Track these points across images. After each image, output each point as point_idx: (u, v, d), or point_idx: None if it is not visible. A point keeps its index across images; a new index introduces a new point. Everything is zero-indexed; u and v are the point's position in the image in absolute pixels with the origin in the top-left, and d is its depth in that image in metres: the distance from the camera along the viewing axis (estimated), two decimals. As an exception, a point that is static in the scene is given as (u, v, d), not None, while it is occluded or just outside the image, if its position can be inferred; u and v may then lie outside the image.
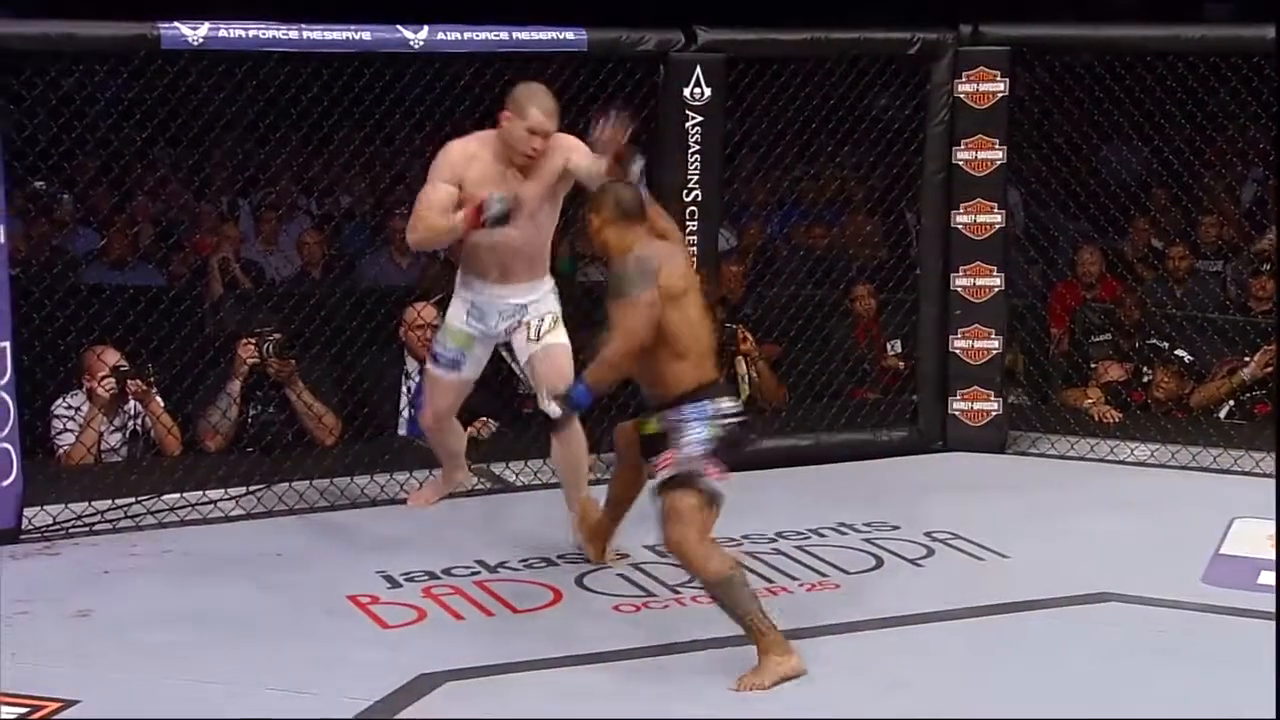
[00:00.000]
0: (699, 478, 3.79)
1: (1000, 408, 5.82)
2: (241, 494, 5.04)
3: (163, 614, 4.16)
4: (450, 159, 4.41)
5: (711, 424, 3.82)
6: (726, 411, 3.87)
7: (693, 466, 3.79)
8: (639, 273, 3.81)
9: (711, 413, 3.83)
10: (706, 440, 3.81)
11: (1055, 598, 4.31)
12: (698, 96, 5.43)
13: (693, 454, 3.80)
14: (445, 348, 4.56)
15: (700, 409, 3.83)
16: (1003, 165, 5.75)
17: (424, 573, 4.47)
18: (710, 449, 3.81)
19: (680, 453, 3.81)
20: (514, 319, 4.51)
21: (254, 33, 4.90)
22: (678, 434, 3.83)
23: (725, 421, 3.85)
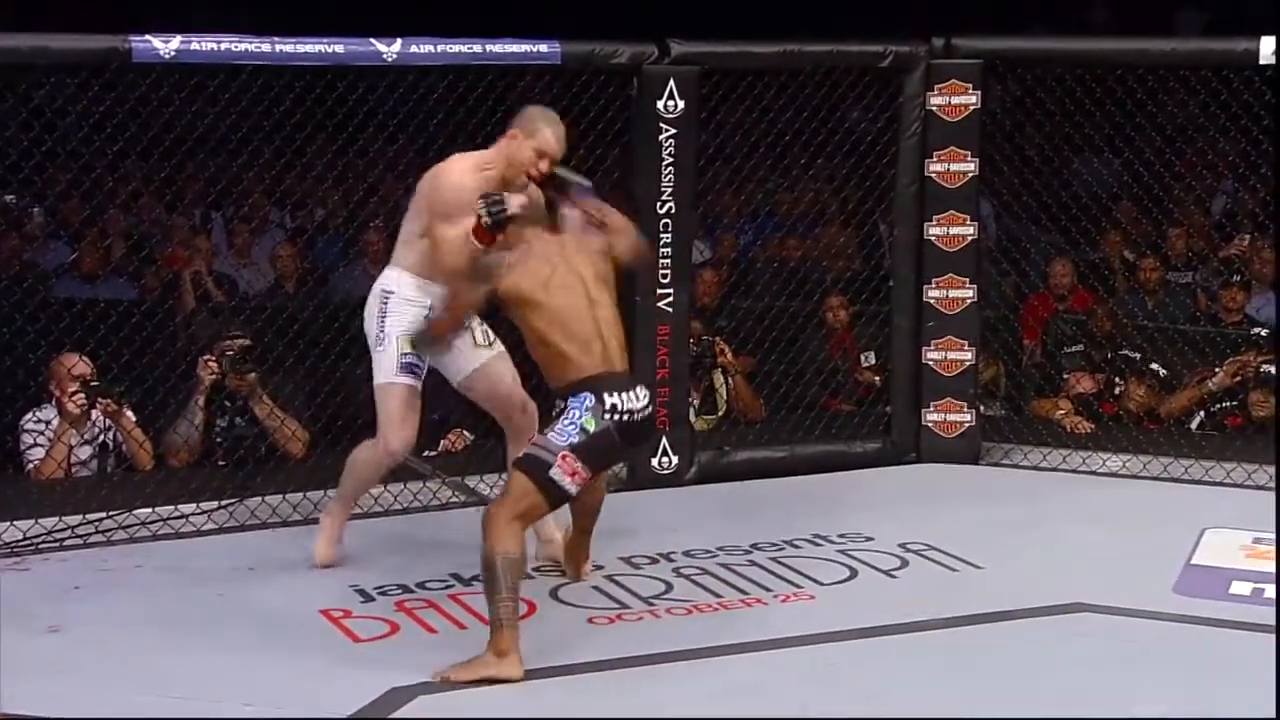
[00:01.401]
0: (546, 468, 3.81)
1: (973, 419, 5.84)
2: (213, 508, 5.02)
3: (134, 630, 4.13)
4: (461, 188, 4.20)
5: (589, 415, 3.85)
6: (613, 406, 3.87)
7: (545, 455, 3.82)
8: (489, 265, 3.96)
9: (590, 404, 3.85)
10: (578, 431, 3.83)
11: (1029, 608, 4.32)
12: (671, 109, 5.44)
13: (553, 443, 3.83)
14: (405, 354, 4.38)
15: (579, 400, 3.86)
16: (975, 177, 5.77)
17: (397, 586, 4.45)
18: (576, 441, 3.82)
19: (544, 437, 3.88)
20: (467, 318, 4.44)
21: (226, 46, 4.89)
22: (556, 419, 3.89)
23: (608, 415, 3.86)
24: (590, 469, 3.89)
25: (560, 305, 3.95)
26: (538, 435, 3.98)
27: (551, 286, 3.96)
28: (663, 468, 5.55)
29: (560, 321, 3.93)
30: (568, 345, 3.93)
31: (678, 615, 4.29)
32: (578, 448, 3.84)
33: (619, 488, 5.52)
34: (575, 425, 3.85)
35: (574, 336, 3.94)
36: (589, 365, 3.92)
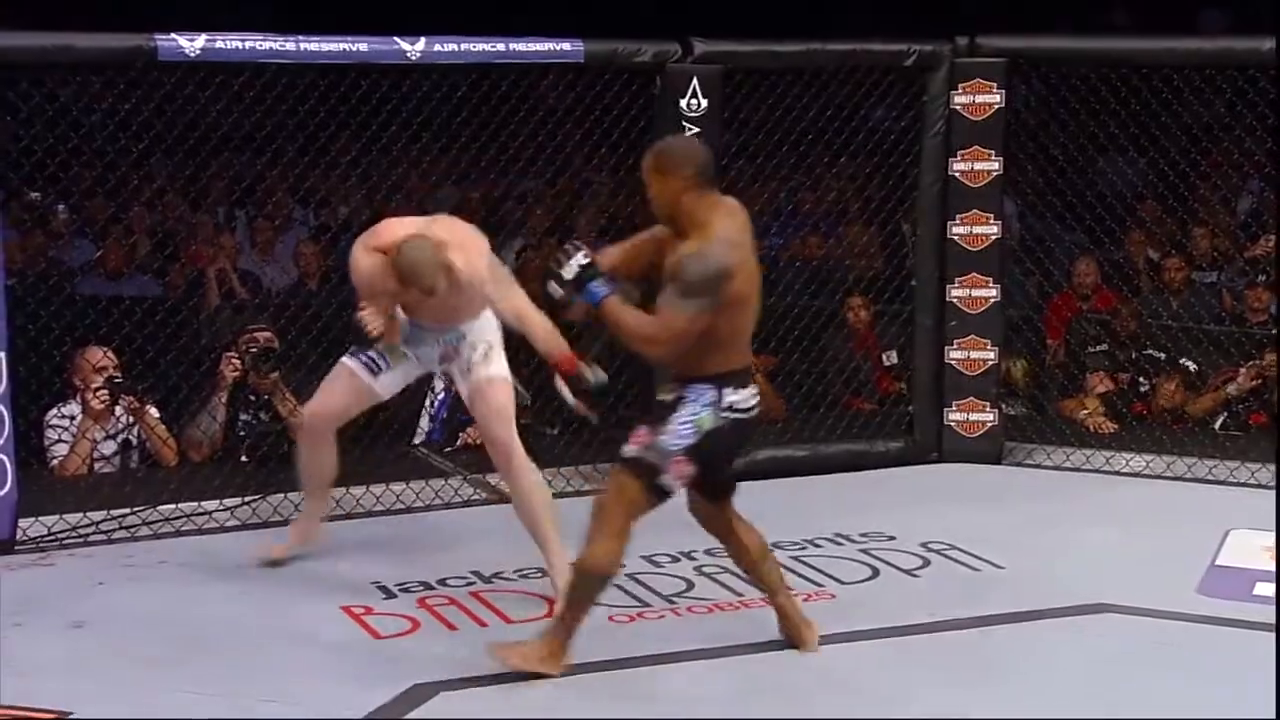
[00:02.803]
0: (656, 473, 3.66)
1: (996, 419, 5.82)
2: (236, 504, 5.04)
3: (157, 625, 4.15)
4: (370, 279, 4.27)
5: (708, 412, 3.66)
6: (733, 404, 3.68)
7: (657, 460, 3.64)
8: (711, 281, 3.53)
9: (711, 400, 3.65)
10: (693, 432, 3.64)
11: (1052, 608, 4.31)
12: (694, 107, 5.44)
13: (667, 447, 3.64)
14: (375, 351, 4.41)
15: (701, 393, 3.65)
16: (999, 176, 5.75)
17: (419, 583, 4.46)
18: (691, 443, 3.64)
19: (657, 438, 3.66)
20: (450, 344, 4.40)
21: (250, 44, 4.91)
22: (668, 413, 3.65)
23: (726, 414, 3.68)
24: (699, 470, 3.68)
25: (755, 302, 3.70)
26: (646, 432, 3.67)
27: (755, 286, 3.68)
28: (684, 466, 5.53)
29: (737, 323, 3.66)
30: (738, 339, 3.67)
31: (699, 614, 4.29)
32: (691, 450, 3.64)
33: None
34: (690, 425, 3.64)
35: (745, 330, 3.69)
36: (735, 360, 3.68)
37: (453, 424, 5.84)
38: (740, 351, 3.71)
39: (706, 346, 3.64)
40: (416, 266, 4.17)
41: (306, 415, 4.48)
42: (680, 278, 3.56)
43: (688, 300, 3.55)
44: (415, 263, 4.17)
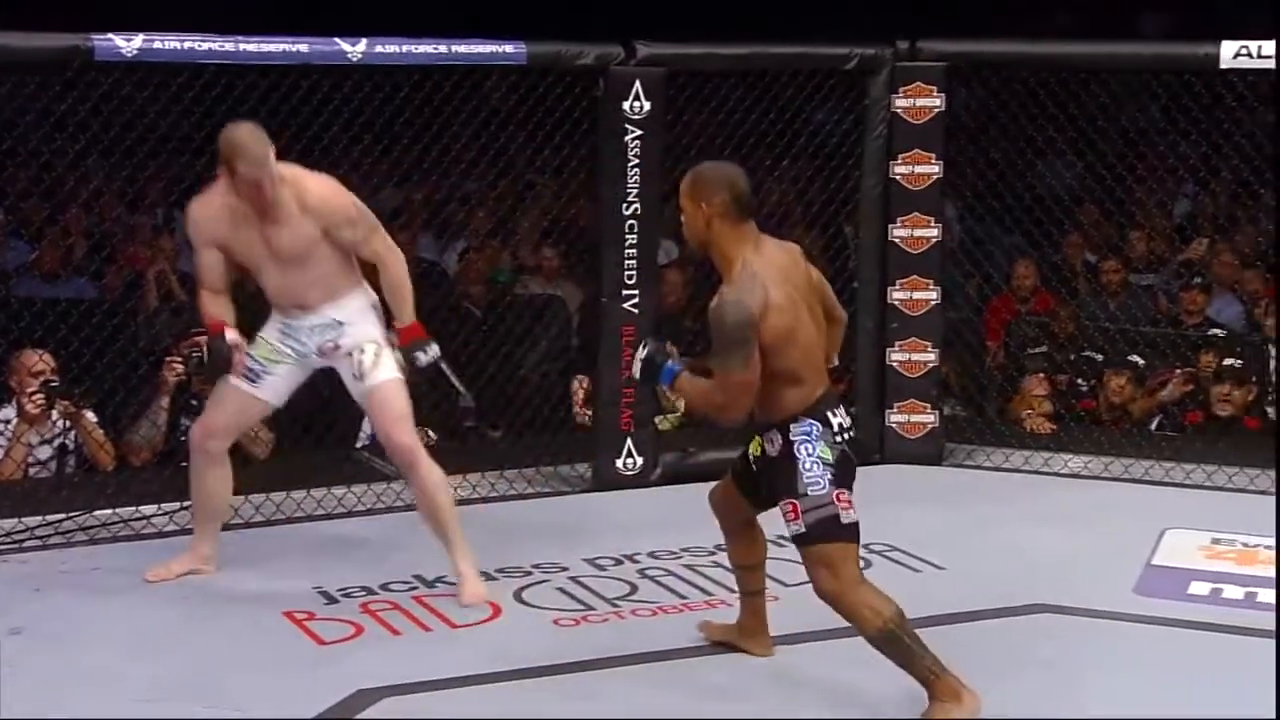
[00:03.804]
0: (836, 520, 3.49)
1: (937, 420, 5.87)
2: (175, 509, 4.98)
3: (96, 632, 4.10)
4: (193, 222, 4.32)
5: (823, 444, 3.50)
6: (841, 425, 3.55)
7: (826, 511, 3.48)
8: (739, 329, 3.38)
9: (818, 433, 3.50)
10: (823, 467, 3.49)
11: (991, 609, 4.35)
12: (637, 110, 5.45)
13: (819, 495, 3.48)
14: (250, 357, 4.36)
15: (806, 430, 3.50)
16: (939, 180, 5.80)
17: (361, 588, 4.44)
18: (832, 475, 3.49)
19: (806, 498, 3.49)
20: (329, 336, 4.32)
21: (189, 45, 4.87)
22: (791, 470, 3.49)
23: (840, 440, 3.53)
24: (849, 489, 3.55)
25: (808, 334, 3.51)
26: (793, 504, 3.51)
27: (800, 315, 3.50)
28: (627, 469, 5.55)
29: (802, 351, 3.49)
30: (808, 369, 3.52)
31: (643, 617, 4.30)
32: (835, 479, 3.51)
33: (584, 489, 5.53)
34: (817, 461, 3.49)
35: (814, 359, 3.54)
36: (815, 388, 3.53)
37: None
38: (818, 379, 3.56)
39: (784, 385, 3.51)
40: (240, 138, 4.09)
41: (196, 434, 4.41)
42: (715, 336, 3.47)
43: (729, 355, 3.42)
44: (240, 137, 4.10)
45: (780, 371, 3.49)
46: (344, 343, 4.33)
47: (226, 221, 4.24)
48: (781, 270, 3.53)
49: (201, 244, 4.31)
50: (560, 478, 5.62)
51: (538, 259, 7.13)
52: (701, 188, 3.50)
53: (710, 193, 3.49)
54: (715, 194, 3.48)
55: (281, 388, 4.39)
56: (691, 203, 3.52)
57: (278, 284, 4.30)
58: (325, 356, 4.36)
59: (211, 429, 4.38)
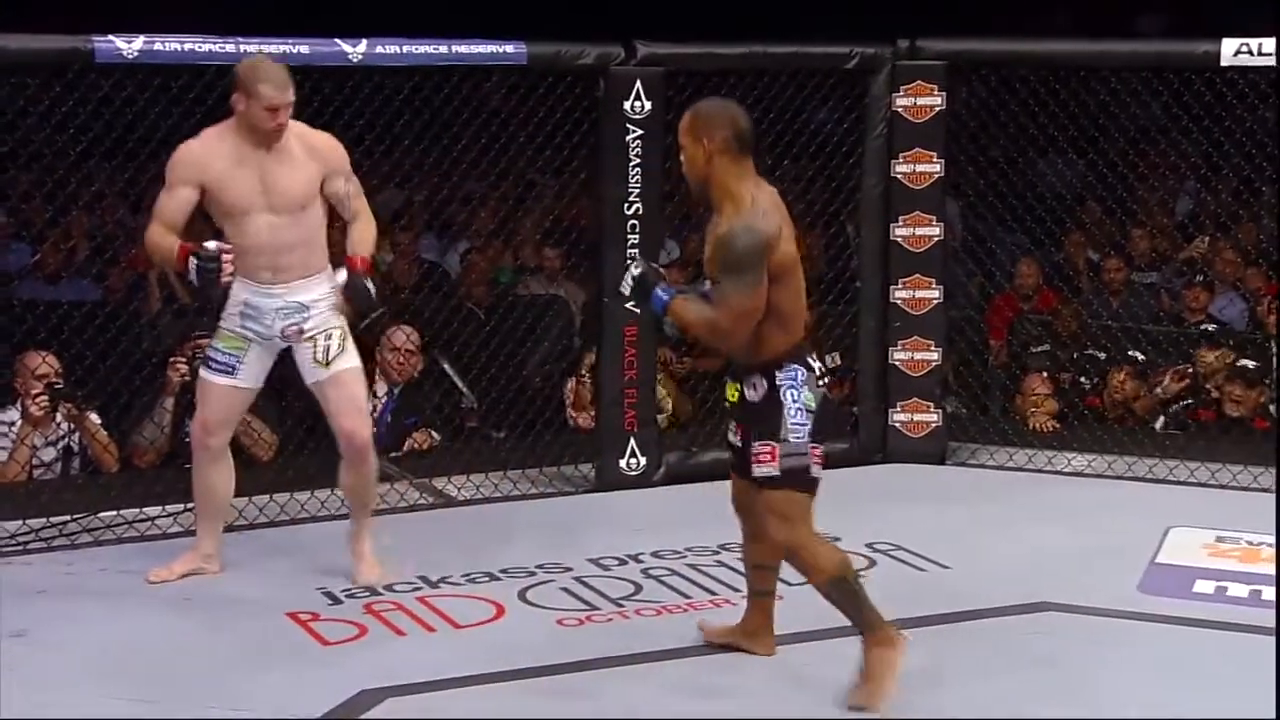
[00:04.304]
0: (806, 471, 3.53)
1: (940, 419, 5.87)
2: (179, 511, 4.98)
3: (100, 634, 4.10)
4: (182, 160, 4.22)
5: (808, 390, 3.52)
6: (820, 370, 3.57)
7: (801, 460, 3.52)
8: (754, 253, 3.41)
9: (804, 378, 3.53)
10: (806, 415, 3.51)
11: (995, 607, 4.35)
12: (638, 110, 5.45)
13: (799, 443, 3.52)
14: (216, 350, 4.33)
15: (793, 375, 3.52)
16: (941, 178, 5.80)
17: (364, 589, 4.43)
18: (812, 427, 3.52)
19: (787, 444, 3.52)
20: (293, 320, 4.29)
21: (190, 46, 4.87)
22: (776, 412, 3.53)
23: (821, 385, 3.56)
24: (823, 444, 3.59)
25: (800, 275, 3.56)
26: (770, 446, 3.55)
27: (797, 250, 3.54)
28: (631, 469, 5.55)
29: (797, 294, 3.53)
30: (799, 309, 3.55)
31: (647, 616, 4.30)
32: (815, 433, 3.54)
33: (587, 489, 5.53)
34: (801, 408, 3.52)
35: (803, 300, 3.57)
36: (802, 330, 3.58)
37: (398, 429, 5.81)
38: (801, 324, 3.59)
39: (774, 325, 3.53)
40: (264, 63, 4.16)
41: (196, 432, 4.40)
42: (726, 259, 3.46)
43: (740, 278, 3.43)
44: (263, 62, 4.17)
45: (775, 308, 3.52)
46: (308, 326, 4.31)
47: (227, 158, 4.18)
48: (781, 208, 3.58)
49: (180, 181, 4.20)
50: (564, 478, 5.62)
51: (539, 259, 7.13)
52: (703, 124, 3.51)
53: (712, 129, 3.49)
54: (717, 130, 3.48)
55: (257, 370, 4.36)
56: (692, 139, 3.53)
57: (263, 237, 4.19)
58: (287, 339, 4.32)
59: (209, 425, 4.36)
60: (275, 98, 4.13)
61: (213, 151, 4.21)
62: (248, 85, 4.15)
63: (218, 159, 4.20)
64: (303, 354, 4.34)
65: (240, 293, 4.28)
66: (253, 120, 4.16)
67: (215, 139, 4.24)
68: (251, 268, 4.26)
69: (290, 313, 4.29)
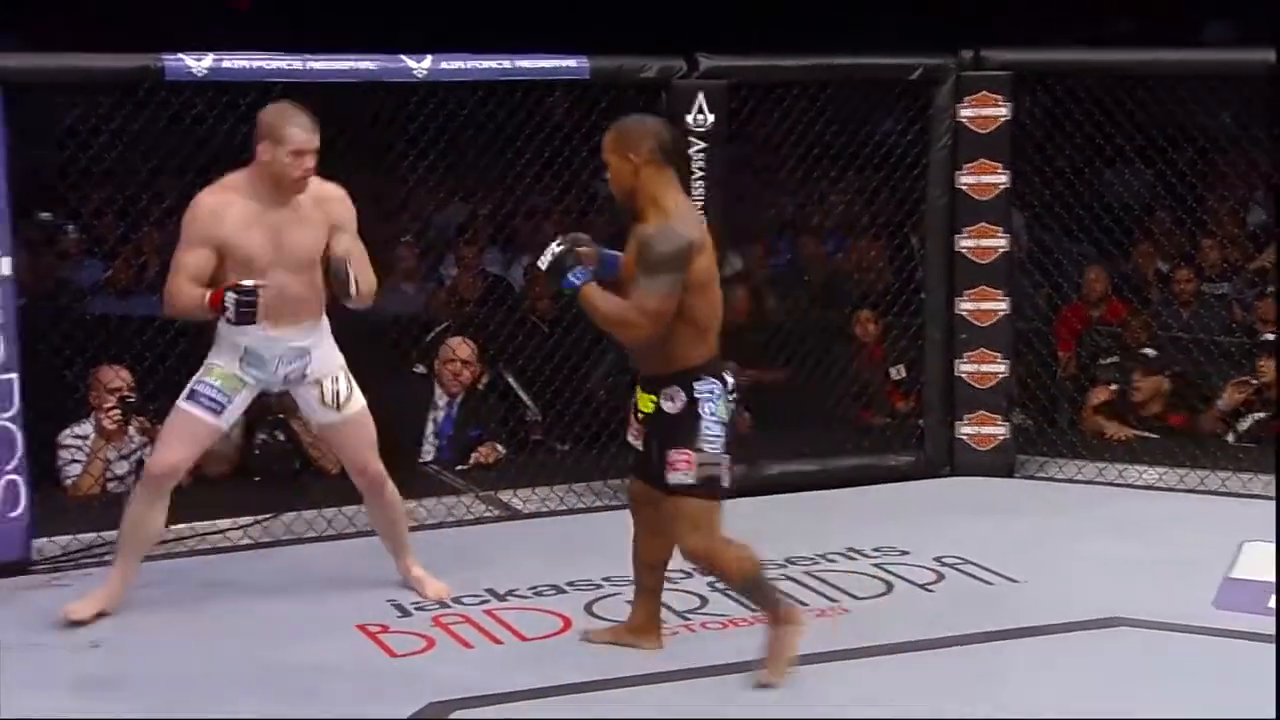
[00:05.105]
0: (718, 481, 3.66)
1: (1008, 431, 5.81)
2: (249, 523, 5.04)
3: (172, 645, 4.15)
4: (198, 219, 4.10)
5: (722, 403, 3.67)
6: (733, 386, 3.72)
7: (715, 470, 3.64)
8: (673, 256, 3.54)
9: (720, 392, 3.66)
10: (721, 427, 3.65)
11: (1066, 622, 4.30)
12: (701, 122, 5.45)
13: (714, 454, 3.64)
14: (210, 385, 4.18)
15: (709, 388, 3.65)
16: (1007, 189, 5.76)
17: (434, 601, 4.45)
18: (726, 438, 3.66)
19: (703, 453, 3.64)
20: (295, 365, 4.22)
21: (258, 64, 4.93)
22: (693, 423, 3.64)
23: (732, 399, 3.71)
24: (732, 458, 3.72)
25: (718, 289, 3.69)
26: (686, 454, 3.65)
27: (716, 268, 3.69)
28: (696, 481, 5.52)
29: (714, 304, 3.66)
30: (715, 322, 3.67)
31: (713, 630, 4.28)
32: (729, 443, 3.68)
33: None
34: (717, 421, 3.65)
35: (719, 313, 3.68)
36: (714, 345, 3.70)
37: (461, 442, 5.84)
38: (715, 338, 3.73)
39: (692, 336, 3.65)
40: (290, 108, 4.03)
41: (157, 469, 4.18)
42: (645, 257, 3.58)
43: (657, 278, 3.57)
44: (289, 107, 4.04)
45: (693, 319, 3.63)
46: (310, 371, 4.24)
47: (238, 218, 4.09)
48: (702, 222, 3.76)
49: (198, 241, 4.10)
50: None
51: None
52: (628, 140, 3.65)
53: (637, 143, 3.64)
54: (643, 143, 3.64)
55: (236, 414, 4.27)
56: (618, 156, 3.65)
57: (271, 291, 4.10)
58: (289, 384, 4.26)
59: (176, 466, 4.19)
60: (305, 141, 4.03)
61: (226, 208, 4.10)
62: (275, 130, 4.04)
63: (229, 218, 4.08)
64: (308, 397, 4.28)
65: (238, 338, 4.17)
66: (278, 169, 4.06)
67: (231, 192, 4.13)
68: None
69: (293, 358, 4.22)
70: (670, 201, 3.65)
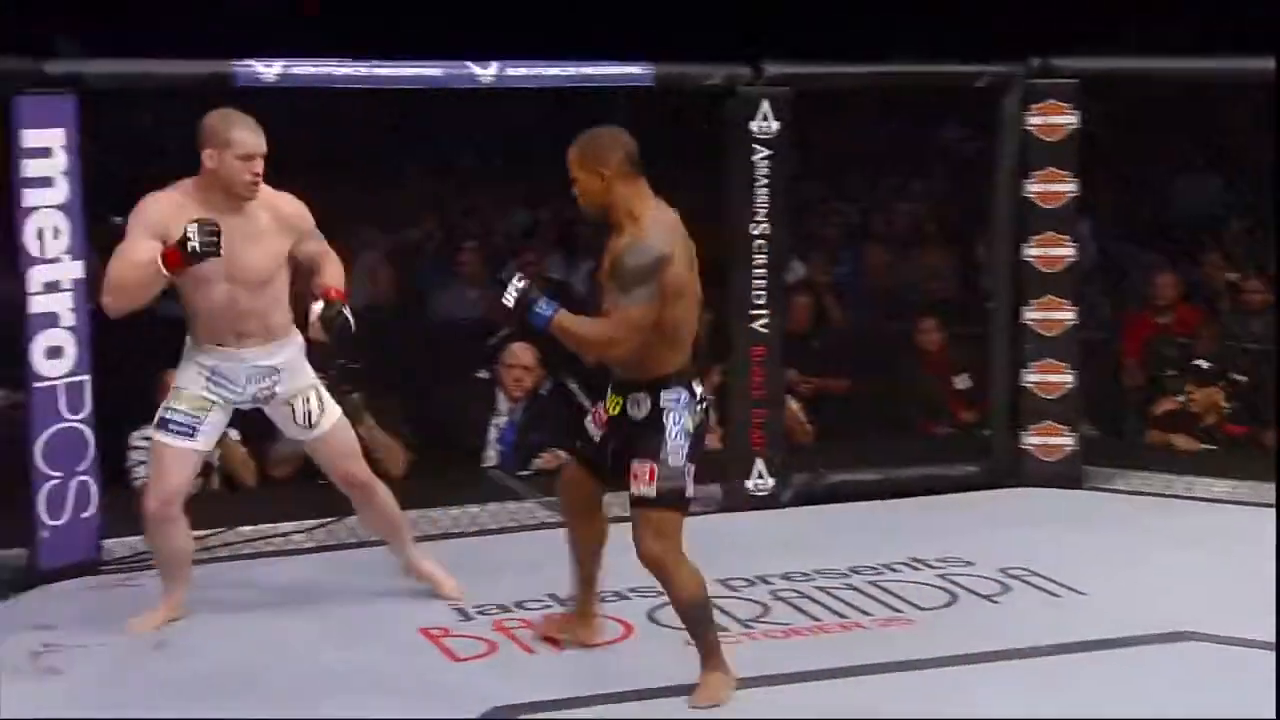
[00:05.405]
0: (683, 493, 3.66)
1: (1075, 443, 5.75)
2: (313, 526, 5.07)
3: (238, 646, 4.19)
4: (148, 212, 3.92)
5: (688, 413, 3.67)
6: (701, 396, 3.71)
7: (679, 483, 3.64)
8: (649, 269, 3.54)
9: (686, 401, 3.66)
10: (686, 437, 3.64)
11: (1133, 636, 4.24)
12: (765, 129, 5.43)
13: (677, 466, 3.64)
14: (176, 411, 4.08)
15: (677, 397, 3.65)
16: (1075, 198, 5.70)
17: (496, 605, 4.46)
18: (689, 449, 3.65)
19: (666, 465, 3.64)
20: (265, 384, 4.14)
21: (327, 70, 4.97)
22: (658, 434, 3.64)
23: (699, 408, 3.70)
24: (695, 463, 3.71)
25: (694, 298, 3.68)
26: (650, 466, 3.65)
27: (693, 276, 3.67)
28: (758, 490, 5.52)
29: (690, 316, 3.66)
30: (689, 331, 3.68)
31: (775, 639, 4.27)
32: (691, 454, 3.68)
33: (714, 509, 5.51)
34: (682, 431, 3.65)
35: (694, 322, 3.69)
36: (687, 353, 3.70)
37: (525, 448, 5.86)
38: (688, 347, 3.71)
39: (662, 344, 3.64)
40: (234, 112, 3.88)
41: (153, 506, 4.09)
42: (621, 273, 3.57)
43: (634, 292, 3.54)
44: (232, 111, 3.89)
45: (666, 327, 3.61)
46: (280, 390, 4.16)
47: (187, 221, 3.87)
48: (678, 229, 3.69)
49: (146, 233, 3.90)
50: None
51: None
52: (594, 154, 3.62)
53: (605, 157, 3.61)
54: (611, 156, 3.61)
55: (214, 431, 4.18)
56: (586, 172, 3.62)
57: (222, 303, 4.03)
58: (259, 402, 4.19)
59: (169, 498, 4.09)
60: (254, 145, 3.90)
61: (179, 210, 3.93)
62: (220, 135, 3.89)
63: (183, 219, 3.89)
64: (281, 416, 4.21)
65: (203, 358, 4.11)
66: (227, 175, 3.92)
67: (184, 196, 3.97)
68: (214, 331, 4.10)
69: (261, 376, 4.14)
70: (646, 212, 3.62)
